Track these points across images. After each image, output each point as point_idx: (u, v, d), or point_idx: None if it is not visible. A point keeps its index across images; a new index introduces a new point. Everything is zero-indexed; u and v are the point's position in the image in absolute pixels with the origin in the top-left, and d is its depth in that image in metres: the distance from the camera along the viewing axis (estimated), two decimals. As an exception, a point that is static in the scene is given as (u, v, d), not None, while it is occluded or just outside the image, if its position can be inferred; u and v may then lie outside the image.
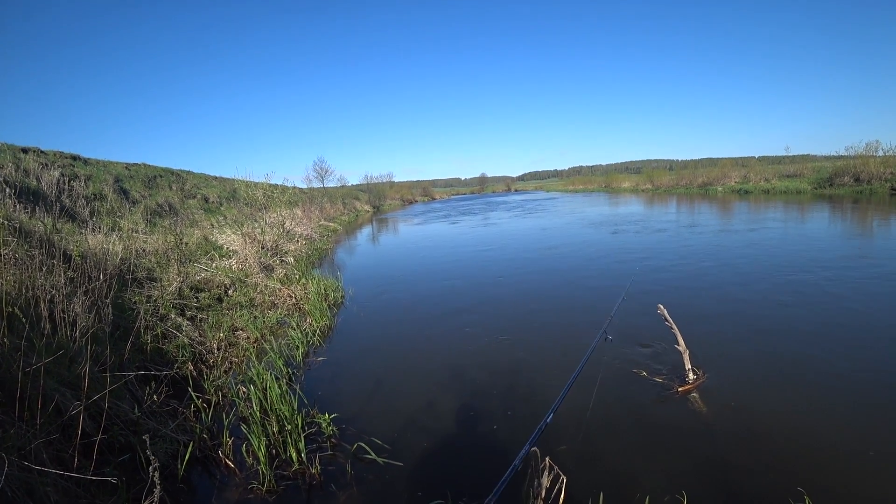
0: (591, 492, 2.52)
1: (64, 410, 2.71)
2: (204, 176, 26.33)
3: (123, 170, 19.02)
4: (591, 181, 77.00)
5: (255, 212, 12.65)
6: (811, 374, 4.01)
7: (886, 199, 19.95)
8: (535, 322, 6.02)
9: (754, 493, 2.65)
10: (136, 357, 4.15)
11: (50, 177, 12.81)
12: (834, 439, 3.08)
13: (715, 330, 5.20)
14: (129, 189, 17.23)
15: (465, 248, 13.65)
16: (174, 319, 5.37)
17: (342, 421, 3.71)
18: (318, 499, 2.86)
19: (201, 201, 20.74)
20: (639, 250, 10.83)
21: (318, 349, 5.55)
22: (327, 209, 28.61)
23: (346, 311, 7.28)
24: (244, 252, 9.34)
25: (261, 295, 7.45)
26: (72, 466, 2.38)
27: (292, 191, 20.44)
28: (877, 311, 5.48)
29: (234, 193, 20.33)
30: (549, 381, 4.25)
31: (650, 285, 7.41)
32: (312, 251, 13.47)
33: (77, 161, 17.02)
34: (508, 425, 3.54)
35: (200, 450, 3.30)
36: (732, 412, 3.50)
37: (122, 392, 3.43)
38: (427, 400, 4.08)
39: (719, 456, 3.00)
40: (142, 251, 7.70)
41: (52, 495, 2.18)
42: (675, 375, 4.07)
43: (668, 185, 45.64)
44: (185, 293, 6.36)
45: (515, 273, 9.35)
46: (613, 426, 3.46)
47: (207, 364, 4.85)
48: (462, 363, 4.82)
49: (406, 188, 66.92)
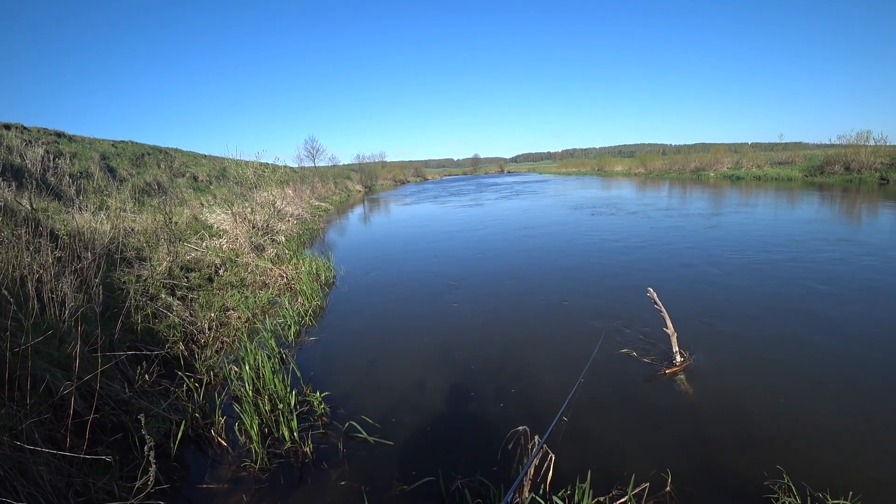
0: (579, 469, 2.58)
1: (55, 391, 2.71)
2: (193, 154, 25.87)
3: (110, 147, 18.62)
4: (583, 164, 76.75)
5: (245, 191, 12.48)
6: (793, 358, 4.11)
7: (875, 188, 20.17)
8: (523, 300, 6.08)
9: (736, 471, 2.73)
10: (126, 337, 4.13)
11: (34, 154, 12.53)
12: (813, 421, 3.18)
13: (702, 312, 5.29)
14: (117, 167, 16.91)
15: (454, 229, 13.68)
16: (164, 299, 5.34)
17: (334, 400, 3.75)
18: (310, 477, 2.90)
19: (190, 180, 20.44)
20: (622, 232, 10.92)
21: (309, 329, 5.57)
22: (319, 189, 28.33)
23: (337, 291, 7.28)
24: (234, 231, 9.25)
25: (252, 275, 7.41)
26: (64, 446, 2.39)
27: (283, 170, 20.16)
28: (861, 299, 5.60)
29: (224, 172, 20.03)
30: (535, 355, 4.35)
31: (644, 272, 7.49)
32: (304, 231, 13.40)
33: (62, 138, 16.61)
34: (499, 403, 3.60)
35: (193, 429, 3.32)
36: (717, 393, 3.59)
37: (113, 372, 3.43)
38: (418, 378, 4.13)
39: (703, 436, 3.09)
40: (130, 230, 7.60)
41: (45, 474, 2.19)
42: (663, 357, 4.15)
43: (660, 169, 45.64)
44: (175, 273, 6.31)
45: (504, 253, 9.39)
46: (601, 405, 3.54)
47: (199, 344, 4.85)
48: (452, 341, 4.87)
49: (398, 168, 66.10)
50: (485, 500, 2.56)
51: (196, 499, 2.73)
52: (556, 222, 13.78)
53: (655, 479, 2.62)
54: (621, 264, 7.96)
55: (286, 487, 2.81)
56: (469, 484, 2.67)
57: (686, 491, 2.57)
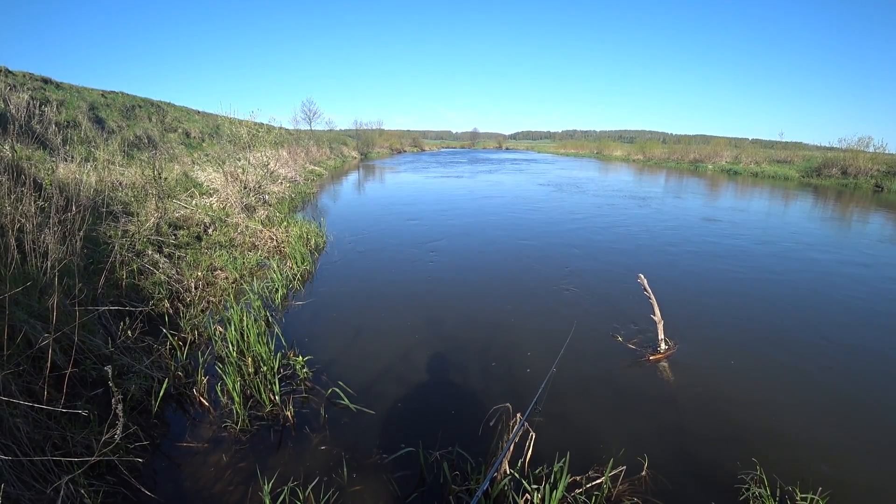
0: (558, 448, 2.61)
1: (34, 342, 2.66)
2: (186, 109, 25.17)
3: (99, 97, 18.00)
4: (583, 146, 76.13)
5: (238, 150, 12.20)
6: (774, 352, 4.19)
7: (869, 194, 20.28)
8: (516, 277, 6.08)
9: (711, 459, 2.80)
10: (110, 292, 4.07)
11: (19, 99, 12.07)
12: (791, 416, 3.25)
13: (689, 301, 5.34)
14: (106, 118, 16.40)
15: (445, 197, 13.59)
16: (151, 256, 5.25)
17: (318, 365, 3.75)
18: (291, 440, 2.91)
19: (182, 136, 19.94)
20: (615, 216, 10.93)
21: (297, 293, 5.53)
22: (313, 152, 27.80)
23: (327, 257, 7.22)
24: (225, 191, 9.08)
25: (241, 235, 7.32)
26: (42, 399, 2.36)
27: (278, 131, 19.73)
28: (846, 297, 5.69)
29: (218, 130, 19.53)
30: (522, 331, 4.35)
31: (637, 258, 7.52)
32: (296, 194, 13.19)
33: (49, 84, 15.99)
34: (482, 378, 3.62)
35: (175, 387, 3.30)
36: (698, 383, 3.65)
37: (95, 326, 3.38)
38: (403, 348, 4.14)
39: (681, 423, 3.14)
40: (118, 184, 7.42)
41: (22, 426, 2.17)
42: (648, 344, 4.20)
43: (659, 157, 45.46)
44: (163, 230, 6.19)
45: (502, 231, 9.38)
46: (584, 387, 3.58)
47: (184, 302, 4.80)
48: (441, 313, 4.86)
49: (396, 137, 64.95)
50: (463, 473, 2.60)
51: (176, 456, 2.74)
52: (547, 200, 13.72)
53: (632, 462, 2.67)
54: (616, 250, 7.98)
55: (266, 449, 2.82)
56: (447, 456, 2.70)
57: (661, 476, 2.63)
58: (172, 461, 2.70)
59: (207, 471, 2.62)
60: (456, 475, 2.57)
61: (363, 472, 2.65)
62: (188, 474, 2.60)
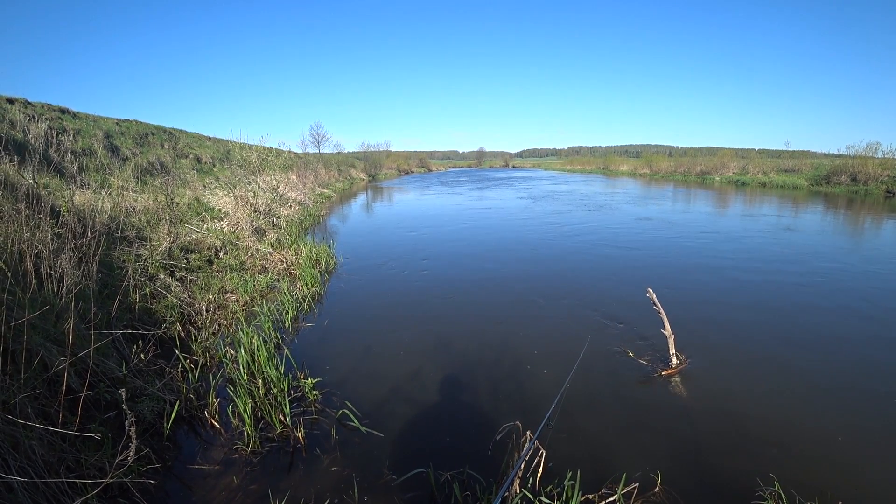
0: (570, 466, 2.58)
1: (49, 366, 2.71)
2: (197, 136, 25.77)
3: (114, 125, 18.53)
4: (589, 162, 76.53)
5: (248, 174, 12.44)
6: (788, 365, 4.11)
7: (881, 200, 20.06)
8: (524, 296, 6.07)
9: (727, 475, 2.74)
10: (123, 315, 4.14)
11: (37, 129, 12.45)
12: (808, 429, 3.18)
13: (700, 317, 5.29)
14: (120, 146, 16.85)
15: (454, 220, 13.66)
16: (163, 280, 5.34)
17: (328, 387, 3.76)
18: (301, 462, 2.91)
19: (194, 161, 20.38)
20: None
21: (307, 314, 5.57)
22: (322, 175, 28.18)
23: (337, 278, 7.27)
24: (236, 214, 9.23)
25: (252, 258, 7.41)
26: (57, 421, 2.40)
27: (287, 155, 20.09)
28: (858, 308, 5.59)
29: (228, 155, 19.97)
30: (532, 350, 4.33)
31: (646, 272, 7.48)
32: (305, 217, 13.35)
33: (66, 114, 16.51)
34: (491, 396, 3.60)
35: (186, 409, 3.33)
36: (712, 397, 3.59)
37: (109, 350, 3.43)
38: (412, 368, 4.13)
39: (696, 439, 3.09)
40: (131, 209, 7.59)
41: (37, 449, 2.20)
42: (660, 358, 4.15)
43: (666, 170, 45.42)
44: (175, 254, 6.30)
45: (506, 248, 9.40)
46: (595, 404, 3.54)
47: (196, 325, 4.86)
48: (450, 333, 4.86)
49: (403, 158, 65.71)
50: (473, 493, 2.57)
51: (187, 478, 2.74)
52: (551, 216, 13.75)
53: (645, 479, 2.63)
54: (624, 267, 7.95)
55: (277, 471, 2.82)
56: (458, 476, 2.68)
57: (674, 492, 2.58)
58: (184, 483, 2.71)
59: (219, 493, 2.63)
60: (467, 495, 2.54)
61: (374, 494, 2.63)
62: (200, 496, 2.60)
